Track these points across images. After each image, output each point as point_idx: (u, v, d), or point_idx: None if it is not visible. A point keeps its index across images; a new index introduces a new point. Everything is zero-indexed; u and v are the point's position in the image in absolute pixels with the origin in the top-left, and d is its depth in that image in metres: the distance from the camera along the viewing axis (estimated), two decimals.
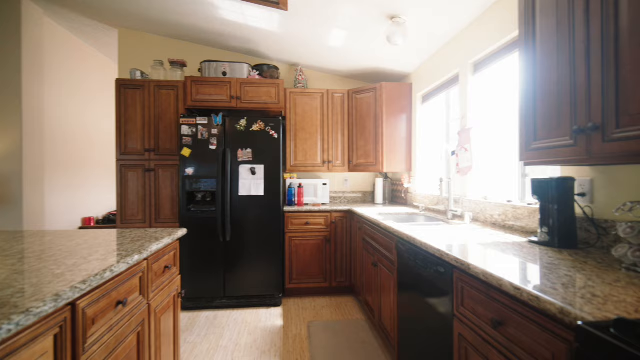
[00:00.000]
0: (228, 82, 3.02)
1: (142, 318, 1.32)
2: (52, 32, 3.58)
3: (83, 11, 3.19)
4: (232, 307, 2.89)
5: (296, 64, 3.62)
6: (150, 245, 1.38)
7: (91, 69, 4.33)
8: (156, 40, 3.47)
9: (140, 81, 2.96)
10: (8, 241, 1.47)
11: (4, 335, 0.65)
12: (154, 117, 2.97)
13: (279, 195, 2.91)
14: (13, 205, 3.09)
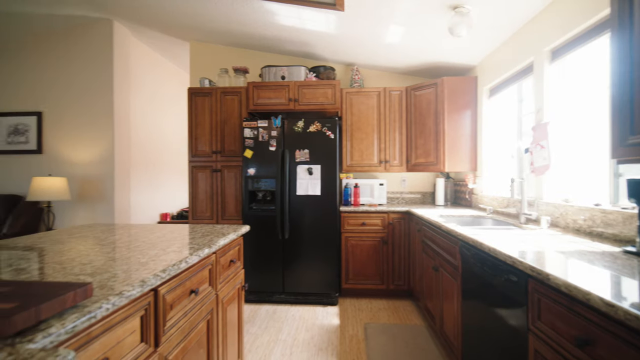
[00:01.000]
0: (286, 85, 3.13)
1: (211, 307, 1.43)
2: (136, 48, 4.07)
3: (161, 28, 3.56)
4: (290, 303, 2.98)
5: (352, 64, 3.61)
6: (218, 240, 1.48)
7: (167, 80, 4.82)
8: (222, 50, 3.74)
9: (208, 89, 3.21)
10: (104, 232, 1.70)
11: (104, 313, 0.76)
12: (220, 121, 3.20)
13: (335, 195, 2.93)
14: (107, 202, 3.58)
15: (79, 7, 3.19)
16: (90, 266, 1.06)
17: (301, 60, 3.67)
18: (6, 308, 0.61)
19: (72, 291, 0.71)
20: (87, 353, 0.74)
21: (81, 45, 3.62)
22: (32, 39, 3.69)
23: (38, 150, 3.70)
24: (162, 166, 4.69)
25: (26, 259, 1.17)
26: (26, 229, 3.40)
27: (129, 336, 0.90)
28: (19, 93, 3.75)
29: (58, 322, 0.66)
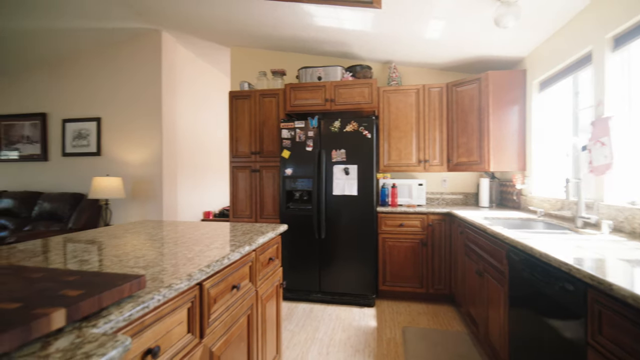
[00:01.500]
0: (323, 86, 3.14)
1: (251, 303, 1.48)
2: (182, 55, 4.31)
3: (204, 36, 3.75)
4: (326, 302, 3.00)
5: (389, 61, 3.54)
6: (258, 238, 1.53)
7: (210, 84, 5.06)
8: (260, 54, 3.85)
9: (248, 92, 3.32)
10: (154, 228, 1.82)
11: (156, 304, 0.81)
12: (259, 123, 3.29)
13: (372, 195, 2.89)
14: (156, 200, 3.83)
15: (132, 20, 3.46)
16: (143, 259, 1.14)
17: (337, 60, 3.67)
18: (74, 295, 0.68)
19: (129, 282, 0.77)
20: (140, 340, 0.80)
21: (133, 55, 3.91)
22: (91, 51, 4.06)
23: (97, 153, 4.06)
24: (205, 167, 4.93)
25: (88, 252, 1.28)
26: (88, 223, 3.74)
27: (177, 327, 0.95)
28: (82, 101, 4.14)
29: (117, 310, 0.71)
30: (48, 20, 3.29)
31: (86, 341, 0.59)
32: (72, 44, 3.86)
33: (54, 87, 4.24)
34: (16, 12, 3.07)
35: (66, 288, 0.72)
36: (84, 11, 3.19)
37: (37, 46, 3.81)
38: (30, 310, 0.60)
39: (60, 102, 4.22)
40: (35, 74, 4.30)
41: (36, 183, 4.32)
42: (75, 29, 3.53)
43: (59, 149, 4.22)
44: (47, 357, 0.53)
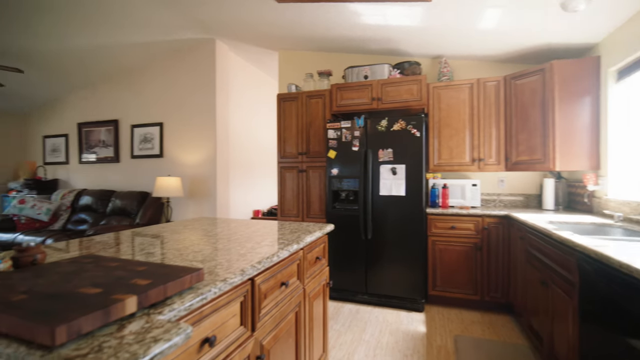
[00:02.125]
0: (369, 84, 3.10)
1: (299, 300, 1.51)
2: (234, 62, 4.54)
3: (254, 42, 3.91)
4: (373, 304, 2.95)
5: (439, 56, 3.39)
6: (306, 237, 1.55)
7: (259, 88, 5.26)
8: (307, 56, 3.91)
9: (295, 94, 3.40)
10: (209, 225, 1.94)
11: (213, 296, 0.86)
12: (305, 123, 3.35)
13: (421, 196, 2.79)
14: (210, 198, 4.08)
15: (191, 31, 3.72)
16: (201, 254, 1.22)
17: (384, 58, 3.60)
18: (144, 284, 0.74)
19: (189, 274, 0.82)
20: (199, 329, 0.85)
21: (191, 64, 4.21)
22: (155, 63, 4.45)
23: (160, 155, 4.43)
24: (254, 167, 5.14)
25: (154, 245, 1.40)
26: (152, 219, 4.10)
27: (231, 319, 1.00)
28: (147, 108, 4.55)
29: (179, 300, 0.77)
30: (120, 37, 3.67)
31: (154, 326, 0.64)
32: (139, 57, 4.26)
33: (124, 97, 4.72)
34: (96, 30, 3.47)
35: (137, 277, 0.79)
36: (149, 27, 3.50)
37: (111, 61, 4.26)
38: (109, 296, 0.67)
39: (129, 110, 4.68)
40: (109, 85, 4.82)
41: (110, 182, 4.84)
42: (142, 44, 3.89)
43: (128, 151, 4.69)
44: (123, 338, 0.59)
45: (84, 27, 3.37)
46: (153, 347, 0.57)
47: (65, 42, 3.63)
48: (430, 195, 3.17)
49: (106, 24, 3.35)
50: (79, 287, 0.72)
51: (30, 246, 0.91)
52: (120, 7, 3.08)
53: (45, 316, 0.57)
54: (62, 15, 3.12)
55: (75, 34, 3.49)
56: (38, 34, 3.41)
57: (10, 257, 0.88)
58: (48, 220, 4.48)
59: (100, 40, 3.70)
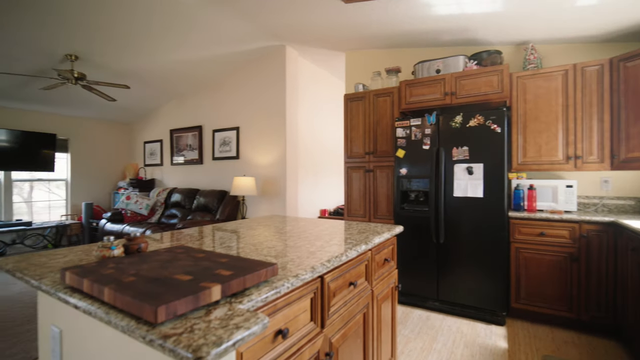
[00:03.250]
0: (441, 79, 2.93)
1: (367, 301, 1.49)
2: (302, 65, 4.70)
3: (321, 45, 3.99)
4: (444, 312, 2.78)
5: (525, 42, 3.03)
6: (374, 238, 1.53)
7: (326, 89, 5.36)
8: (374, 54, 3.86)
9: (362, 93, 3.37)
10: (281, 223, 2.03)
11: (286, 290, 0.90)
12: (372, 123, 3.30)
13: (502, 198, 2.53)
14: (281, 197, 4.29)
15: (262, 40, 3.96)
16: (274, 250, 1.29)
17: (459, 49, 3.36)
18: (226, 275, 0.81)
19: (265, 268, 0.87)
20: (273, 321, 0.90)
21: (263, 71, 4.47)
22: (231, 72, 4.84)
23: (237, 157, 4.81)
24: (322, 167, 5.25)
25: (232, 239, 1.52)
26: (230, 215, 4.48)
27: (302, 314, 1.04)
28: (226, 113, 4.97)
29: (256, 292, 0.82)
30: (204, 51, 4.08)
31: (235, 314, 0.69)
32: (219, 68, 4.68)
33: (206, 104, 5.24)
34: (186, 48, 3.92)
35: (220, 268, 0.87)
36: (228, 40, 3.83)
37: (197, 73, 4.77)
38: (198, 283, 0.74)
39: (210, 116, 5.18)
40: (195, 95, 5.40)
41: (195, 182, 5.42)
42: (221, 55, 4.27)
43: (210, 154, 5.19)
44: (210, 322, 0.65)
45: (177, 46, 3.83)
46: (235, 333, 0.61)
47: (162, 59, 4.18)
48: (513, 197, 2.86)
49: (193, 41, 3.76)
50: (174, 274, 0.81)
51: (136, 236, 1.07)
52: (203, 25, 3.42)
53: (150, 297, 0.66)
54: (161, 37, 3.59)
55: (170, 52, 3.99)
56: (142, 55, 3.98)
57: (122, 245, 1.05)
58: (147, 214, 5.20)
59: (189, 56, 4.17)
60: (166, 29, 3.47)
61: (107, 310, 0.71)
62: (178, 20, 3.30)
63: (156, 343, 0.59)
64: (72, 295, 0.80)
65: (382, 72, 3.74)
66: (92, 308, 0.73)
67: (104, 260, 0.93)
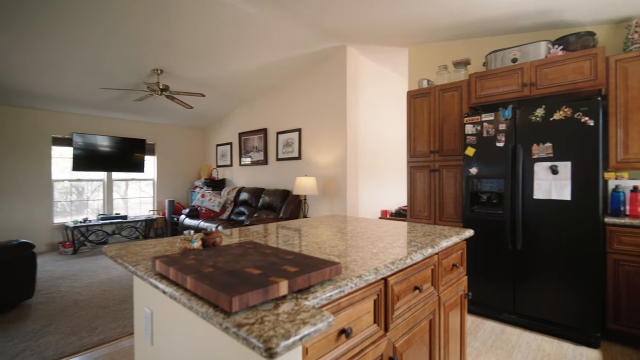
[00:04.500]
0: (519, 68, 2.65)
1: (434, 308, 1.41)
2: (363, 64, 4.66)
3: (383, 42, 3.91)
4: (522, 326, 2.51)
5: (627, 19, 2.59)
6: (441, 241, 1.44)
7: (387, 87, 5.23)
8: (440, 47, 3.65)
9: (426, 89, 3.22)
10: (342, 222, 2.04)
11: (349, 290, 0.90)
12: (438, 120, 3.13)
13: (595, 201, 2.20)
14: (341, 197, 4.31)
15: (324, 42, 4.02)
16: (336, 249, 1.30)
17: (539, 34, 3.01)
18: (292, 271, 0.84)
19: (329, 267, 0.88)
20: (337, 320, 0.90)
21: (324, 72, 4.54)
22: (294, 76, 5.00)
23: (299, 157, 4.96)
24: (383, 167, 5.15)
25: (296, 237, 1.57)
26: (292, 214, 4.64)
27: (365, 315, 1.02)
28: (288, 116, 5.17)
29: (320, 289, 0.83)
30: (270, 57, 4.29)
31: (301, 310, 0.71)
32: (283, 72, 4.88)
33: (271, 107, 5.50)
34: (254, 55, 4.18)
35: (286, 264, 0.90)
36: (291, 45, 3.97)
37: (263, 78, 5.04)
38: (267, 278, 0.78)
39: (274, 119, 5.43)
40: (261, 99, 5.71)
41: (260, 181, 5.73)
42: (285, 60, 4.45)
43: (274, 155, 5.44)
44: (278, 315, 0.68)
45: (245, 55, 4.09)
46: (302, 328, 0.63)
47: (232, 68, 4.50)
48: (610, 201, 2.46)
49: (259, 49, 3.98)
50: (245, 267, 0.87)
51: (212, 231, 1.16)
52: (267, 33, 3.60)
53: (225, 287, 0.71)
54: (231, 48, 3.88)
55: (239, 61, 4.28)
56: (215, 65, 4.34)
57: (200, 239, 1.15)
58: (219, 211, 5.65)
59: (255, 63, 4.42)
60: (235, 40, 3.73)
61: (189, 297, 0.78)
62: (245, 31, 3.52)
63: (231, 330, 0.64)
64: (160, 281, 0.90)
65: (449, 65, 3.53)
66: (176, 294, 0.82)
67: (185, 252, 1.03)
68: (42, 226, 5.32)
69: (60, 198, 5.61)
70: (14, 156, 5.06)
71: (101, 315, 2.78)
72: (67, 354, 2.18)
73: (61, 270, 4.21)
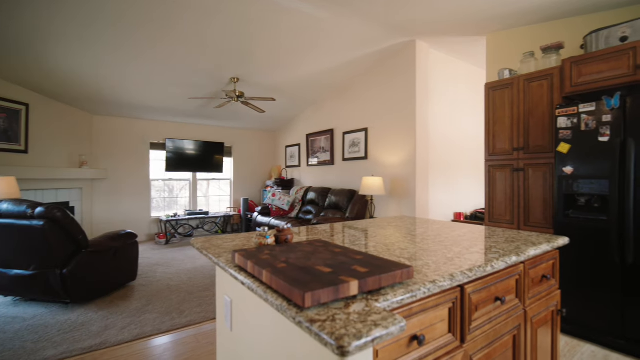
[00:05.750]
0: (630, 48, 2.23)
1: (518, 322, 1.27)
2: (433, 58, 4.41)
3: (457, 32, 3.65)
4: (632, 355, 2.10)
5: None
6: (527, 249, 1.29)
7: (460, 81, 4.87)
8: (523, 33, 3.27)
9: (508, 79, 2.91)
10: (412, 224, 1.96)
11: (422, 295, 0.86)
12: (523, 113, 2.81)
13: None
14: (410, 198, 4.15)
15: (391, 38, 3.92)
16: (407, 252, 1.25)
17: None
18: (362, 271, 0.83)
19: (400, 270, 0.85)
20: (408, 325, 0.87)
21: (391, 70, 4.42)
22: (360, 75, 4.97)
23: (365, 157, 4.92)
24: (456, 166, 4.81)
25: (364, 238, 1.56)
26: (358, 214, 4.62)
27: (438, 323, 0.97)
28: (355, 116, 5.16)
29: (391, 292, 0.81)
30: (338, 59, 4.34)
31: (372, 312, 0.70)
32: (349, 73, 4.89)
33: (337, 108, 5.56)
34: (322, 58, 4.28)
35: (356, 264, 0.90)
36: (358, 45, 3.96)
37: (329, 80, 5.12)
38: (337, 276, 0.79)
39: (341, 119, 5.47)
40: (328, 100, 5.81)
41: (327, 181, 5.83)
42: (351, 61, 4.45)
43: (340, 155, 5.49)
44: (349, 315, 0.68)
45: (314, 58, 4.21)
46: (374, 330, 0.62)
47: (301, 72, 4.67)
48: None
49: (326, 51, 4.05)
50: (315, 265, 0.89)
51: (284, 229, 1.22)
52: (335, 34, 3.64)
53: (298, 283, 0.74)
54: (300, 53, 4.03)
55: (308, 64, 4.42)
56: (285, 70, 4.55)
57: (273, 235, 1.21)
58: (288, 210, 5.91)
59: (322, 65, 4.52)
60: (304, 45, 3.85)
61: (265, 289, 0.83)
62: (313, 35, 3.62)
63: (304, 325, 0.66)
64: (239, 273, 0.98)
65: (536, 51, 3.13)
66: (253, 286, 0.88)
67: (260, 247, 1.10)
68: (141, 219, 6.19)
69: (155, 195, 6.47)
70: (123, 159, 5.99)
71: (188, 300, 3.13)
72: (163, 331, 2.50)
73: (156, 258, 4.84)
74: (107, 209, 5.84)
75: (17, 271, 2.89)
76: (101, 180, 5.78)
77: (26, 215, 2.78)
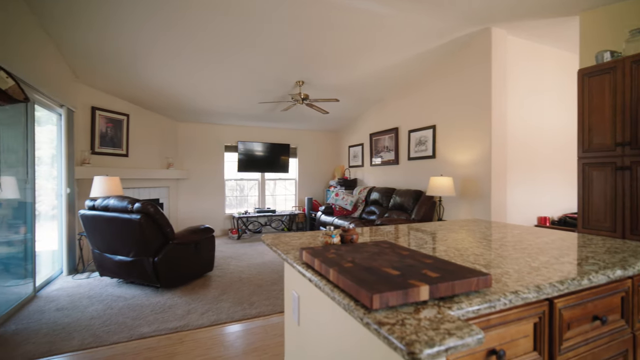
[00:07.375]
0: None
1: (625, 348, 1.08)
2: (512, 45, 3.99)
3: (541, 14, 3.25)
4: None
5: None
6: (637, 262, 1.09)
7: (545, 68, 4.32)
8: (627, 7, 2.77)
9: (610, 63, 2.49)
10: (487, 228, 1.80)
11: (502, 306, 0.78)
12: (629, 101, 2.38)
13: None
14: (484, 200, 3.82)
15: (462, 27, 3.65)
16: (482, 258, 1.15)
17: None
18: (433, 276, 0.79)
19: (476, 277, 0.79)
20: (486, 337, 0.80)
21: (462, 62, 4.12)
22: (427, 71, 4.72)
23: (433, 156, 4.67)
24: (539, 165, 4.29)
25: (432, 241, 1.48)
26: (425, 216, 4.40)
27: (521, 338, 0.87)
28: (421, 113, 4.93)
29: (466, 300, 0.76)
30: (404, 53, 4.21)
31: (445, 319, 0.66)
32: (416, 68, 4.69)
33: (402, 105, 5.38)
34: (389, 53, 4.19)
35: (425, 268, 0.86)
36: (425, 37, 3.77)
37: (394, 77, 4.98)
38: (406, 280, 0.76)
39: (406, 117, 5.28)
40: (392, 98, 5.66)
41: (391, 181, 5.68)
42: (418, 55, 4.26)
43: (405, 154, 5.30)
44: (420, 320, 0.65)
45: (377, 55, 4.14)
46: (447, 339, 0.58)
47: (363, 71, 4.63)
48: None
49: (390, 48, 3.95)
50: (382, 266, 0.87)
51: (350, 228, 1.22)
52: (399, 29, 3.52)
53: (365, 284, 0.73)
54: (363, 51, 4.00)
55: (370, 62, 4.37)
56: (347, 70, 4.56)
57: (339, 234, 1.22)
58: (351, 210, 5.90)
59: (386, 62, 4.41)
60: (367, 43, 3.81)
61: (332, 287, 0.84)
62: (377, 32, 3.55)
63: (372, 327, 0.65)
64: (307, 270, 1.00)
65: None
66: (320, 284, 0.89)
67: (326, 246, 1.12)
68: (217, 215, 6.78)
69: (229, 194, 7.03)
70: (201, 161, 6.64)
71: (257, 292, 3.33)
72: (235, 319, 2.71)
73: (230, 251, 5.25)
74: (188, 206, 6.53)
75: (120, 257, 3.39)
76: (184, 180, 6.47)
77: (127, 209, 3.25)
